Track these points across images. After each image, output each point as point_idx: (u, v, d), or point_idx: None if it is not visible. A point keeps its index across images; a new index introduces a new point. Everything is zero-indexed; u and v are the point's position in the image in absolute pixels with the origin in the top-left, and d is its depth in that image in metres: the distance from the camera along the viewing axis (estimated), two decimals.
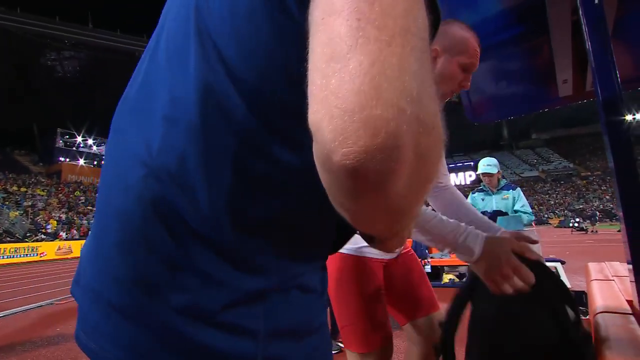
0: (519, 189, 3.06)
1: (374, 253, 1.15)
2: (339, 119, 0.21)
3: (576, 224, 19.81)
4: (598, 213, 26.10)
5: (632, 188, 0.75)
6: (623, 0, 1.02)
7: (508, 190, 3.02)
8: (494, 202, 2.99)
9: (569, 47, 1.22)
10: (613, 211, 28.67)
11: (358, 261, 1.13)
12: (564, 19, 1.06)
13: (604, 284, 1.04)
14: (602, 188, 39.33)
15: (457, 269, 5.23)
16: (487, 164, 3.00)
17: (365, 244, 1.21)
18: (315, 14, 0.26)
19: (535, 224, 2.94)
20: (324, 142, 0.22)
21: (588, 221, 20.53)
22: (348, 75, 0.21)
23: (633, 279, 0.71)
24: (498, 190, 3.04)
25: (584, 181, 43.50)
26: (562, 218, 29.03)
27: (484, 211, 2.95)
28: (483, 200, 3.08)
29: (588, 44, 0.88)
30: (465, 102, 1.79)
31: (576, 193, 41.00)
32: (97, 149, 38.33)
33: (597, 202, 36.16)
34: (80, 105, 39.24)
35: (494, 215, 2.80)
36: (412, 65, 0.22)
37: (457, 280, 5.08)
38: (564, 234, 17.54)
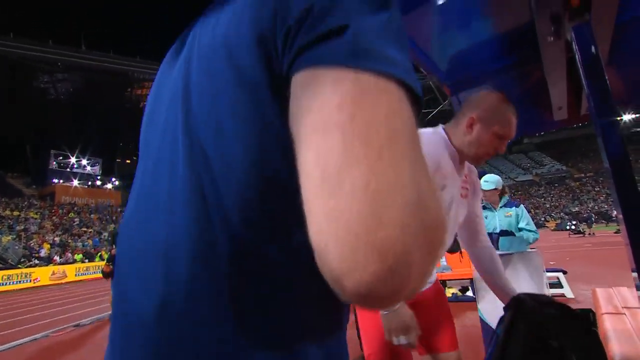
0: (522, 206, 3.01)
1: None
2: (345, 245, 0.21)
3: (573, 227, 19.91)
4: (594, 215, 26.29)
5: (636, 211, 0.76)
6: (617, 29, 1.04)
7: (511, 207, 2.98)
8: (497, 220, 2.95)
9: (564, 80, 1.24)
10: (608, 212, 28.88)
11: None
12: (559, 56, 1.08)
13: (616, 320, 1.03)
14: (596, 189, 39.75)
15: (460, 283, 5.18)
16: (485, 181, 3.00)
17: None
18: (299, 130, 0.26)
19: None
20: (331, 267, 0.22)
21: (584, 224, 20.65)
22: (345, 199, 0.21)
23: None
24: (500, 207, 3.01)
25: (577, 183, 43.98)
26: (559, 221, 29.17)
27: (489, 232, 2.91)
28: (486, 217, 3.02)
29: (586, 89, 0.90)
30: None
31: (570, 195, 41.35)
32: (91, 169, 38.02)
33: (591, 204, 36.46)
34: (74, 126, 39.12)
35: (500, 235, 2.78)
36: (407, 172, 0.22)
37: (460, 294, 5.04)
38: (562, 238, 17.59)
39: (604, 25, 0.90)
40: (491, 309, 2.25)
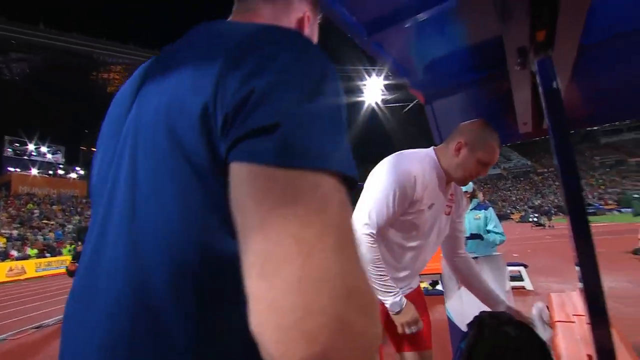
0: (491, 208, 3.09)
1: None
2: (279, 333, 0.24)
3: (535, 219, 21.31)
4: (553, 209, 28.23)
5: (582, 223, 0.84)
6: (580, 54, 1.10)
7: (480, 210, 3.04)
8: (467, 223, 2.99)
9: (529, 101, 1.31)
10: None
11: None
12: (524, 82, 1.13)
13: (566, 329, 1.12)
14: (556, 183, 42.55)
15: (430, 277, 5.40)
16: None
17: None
18: (239, 222, 0.28)
19: (500, 219, 3.01)
20: (267, 349, 0.25)
21: (545, 216, 22.14)
22: (280, 292, 0.24)
23: (589, 321, 0.80)
24: (470, 210, 3.07)
25: (540, 177, 46.86)
26: (523, 213, 31.06)
27: None
28: None
29: (545, 114, 0.97)
30: (436, 137, 1.87)
31: (534, 189, 44.04)
32: (52, 157, 35.61)
33: (552, 197, 39.05)
34: (32, 111, 36.29)
35: (469, 238, 2.87)
36: (336, 265, 0.25)
37: (430, 288, 5.26)
38: (525, 230, 18.78)
39: (565, 58, 0.95)
40: (457, 308, 2.37)
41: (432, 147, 1.28)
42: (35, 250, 17.91)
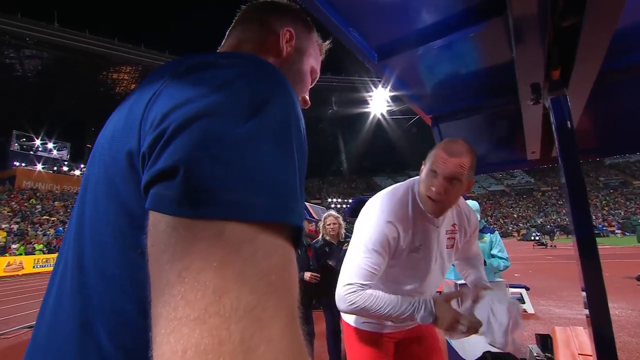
0: (496, 232, 3.00)
1: (388, 329, 1.27)
2: None
3: (537, 238, 21.14)
4: (556, 229, 28.00)
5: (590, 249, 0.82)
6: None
7: (486, 233, 2.94)
8: None
9: (539, 132, 1.29)
10: (569, 226, 30.79)
11: (373, 335, 1.25)
12: (536, 115, 1.12)
13: None
14: (559, 202, 42.23)
15: None
16: None
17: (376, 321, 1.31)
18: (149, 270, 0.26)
19: (502, 236, 2.92)
20: None
21: (547, 236, 21.90)
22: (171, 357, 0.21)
23: None
24: None
25: (543, 195, 46.53)
26: (525, 231, 30.77)
27: None
28: None
29: (557, 148, 0.94)
30: None
31: (536, 207, 43.68)
32: (57, 153, 35.87)
33: (555, 216, 38.70)
34: (41, 107, 36.73)
35: None
36: (232, 336, 0.21)
37: None
38: (527, 249, 18.55)
39: (580, 94, 0.93)
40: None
41: (415, 178, 1.17)
42: (22, 246, 17.58)
